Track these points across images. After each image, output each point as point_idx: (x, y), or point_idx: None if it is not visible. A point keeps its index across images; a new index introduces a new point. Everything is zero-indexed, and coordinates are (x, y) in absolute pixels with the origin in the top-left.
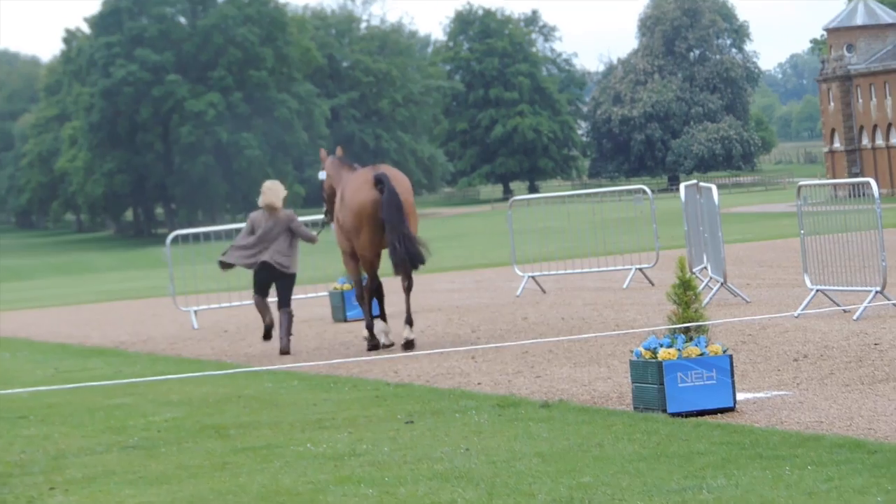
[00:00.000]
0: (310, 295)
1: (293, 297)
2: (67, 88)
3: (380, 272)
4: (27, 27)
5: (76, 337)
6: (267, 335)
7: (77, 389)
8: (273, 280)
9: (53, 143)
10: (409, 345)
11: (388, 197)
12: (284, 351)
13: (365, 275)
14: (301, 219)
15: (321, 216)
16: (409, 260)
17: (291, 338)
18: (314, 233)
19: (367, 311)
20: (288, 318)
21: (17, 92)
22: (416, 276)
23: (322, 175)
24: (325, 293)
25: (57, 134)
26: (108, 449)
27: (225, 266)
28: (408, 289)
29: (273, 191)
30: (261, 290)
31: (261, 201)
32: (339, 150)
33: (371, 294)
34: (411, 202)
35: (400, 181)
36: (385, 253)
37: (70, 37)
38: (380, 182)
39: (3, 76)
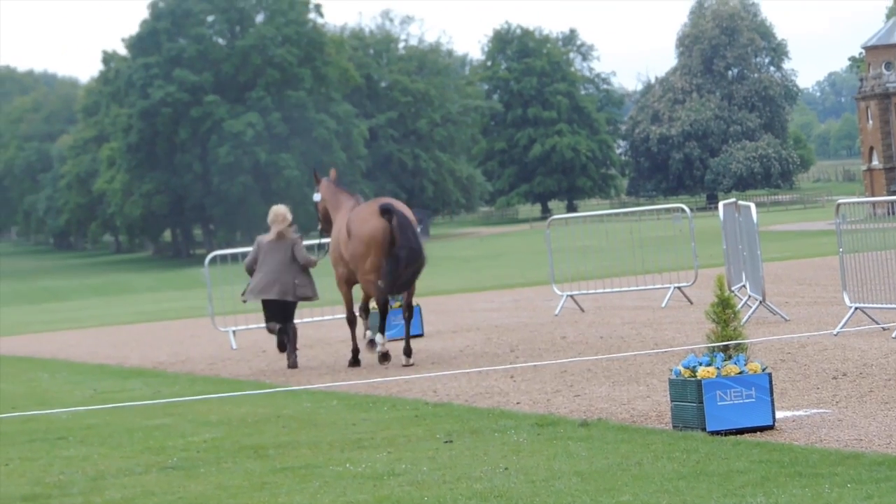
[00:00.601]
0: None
1: (334, 317)
2: (106, 109)
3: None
4: (66, 49)
5: (115, 358)
6: (281, 346)
7: (116, 410)
8: (284, 309)
9: (92, 164)
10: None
11: (401, 221)
12: (293, 365)
13: (361, 297)
14: (326, 240)
15: (324, 240)
16: (415, 273)
17: (298, 352)
18: (314, 257)
19: (354, 334)
20: (293, 334)
21: (55, 113)
22: (455, 296)
23: (317, 197)
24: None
25: (95, 155)
26: (147, 469)
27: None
28: (408, 319)
29: (286, 220)
30: (273, 318)
31: (273, 231)
32: (332, 173)
33: (382, 309)
34: (416, 226)
35: (405, 209)
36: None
37: (108, 58)
38: (387, 211)
39: (41, 97)
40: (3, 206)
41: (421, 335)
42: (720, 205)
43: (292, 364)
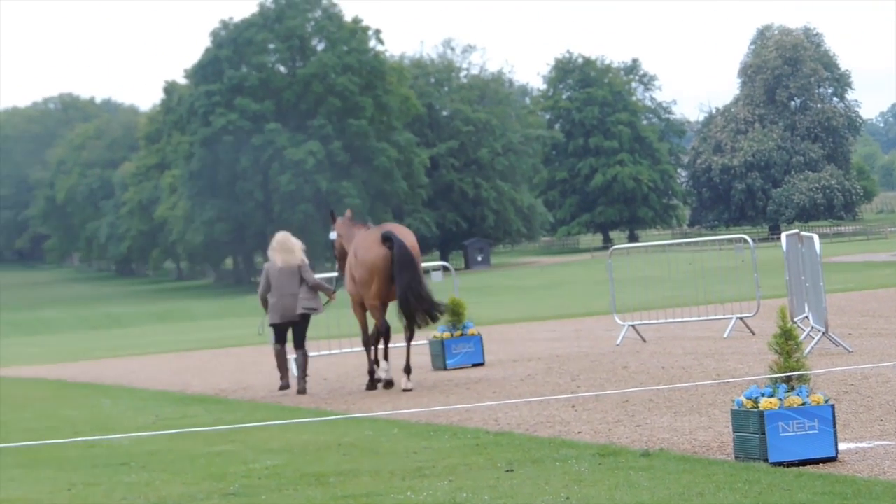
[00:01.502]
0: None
1: (395, 345)
2: (167, 137)
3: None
4: (127, 77)
5: (177, 384)
6: (285, 387)
7: (178, 436)
8: (292, 326)
9: (153, 191)
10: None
11: (399, 252)
12: (302, 391)
13: (373, 322)
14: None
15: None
16: (426, 312)
17: (308, 378)
18: (331, 287)
19: (370, 357)
20: (304, 359)
21: (117, 140)
22: (516, 326)
23: (333, 235)
24: (425, 342)
25: (157, 182)
26: (209, 496)
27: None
28: (409, 339)
29: (290, 251)
30: (281, 339)
31: (280, 259)
32: (348, 212)
33: (379, 337)
34: (418, 255)
35: (406, 236)
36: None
37: (170, 87)
38: (388, 239)
39: (103, 125)
40: (66, 232)
41: (482, 364)
42: (783, 235)
43: (302, 390)
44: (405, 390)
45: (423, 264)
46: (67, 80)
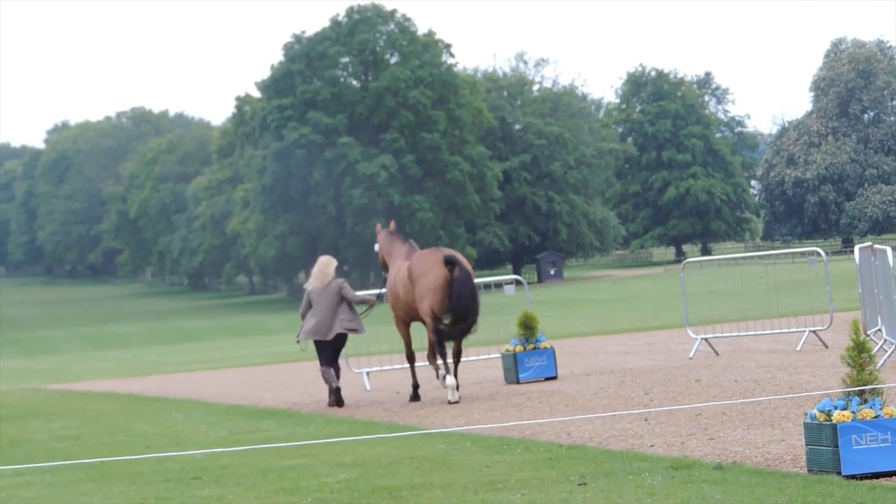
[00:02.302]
0: (482, 357)
1: (467, 359)
2: (240, 151)
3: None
4: (199, 91)
5: (249, 398)
6: (339, 403)
7: (250, 451)
8: (334, 345)
9: (226, 205)
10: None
11: (463, 280)
12: (335, 403)
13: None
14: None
15: (382, 290)
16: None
17: (340, 389)
18: (373, 297)
19: (414, 371)
20: (336, 372)
21: (189, 154)
22: (589, 339)
23: (377, 247)
24: (498, 355)
25: (229, 196)
26: None
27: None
28: (456, 363)
29: (327, 274)
30: (328, 361)
31: (319, 282)
32: (392, 225)
33: (438, 345)
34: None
35: (466, 263)
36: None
37: (242, 101)
38: (450, 263)
39: (176, 139)
40: (138, 247)
41: (555, 377)
42: (856, 248)
43: (333, 402)
44: (452, 402)
45: (496, 278)
46: (139, 95)
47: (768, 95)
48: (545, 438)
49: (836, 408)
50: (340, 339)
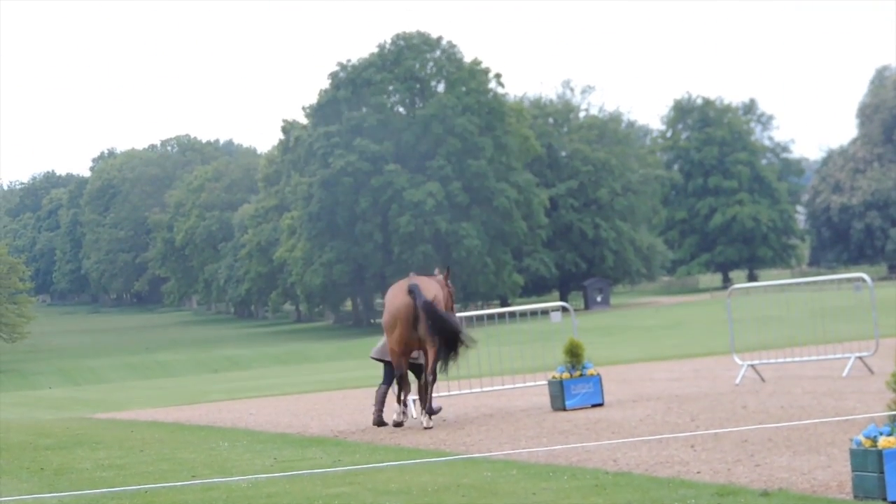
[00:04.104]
0: (529, 384)
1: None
2: (286, 178)
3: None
4: (246, 119)
5: (295, 426)
6: (399, 423)
7: (296, 478)
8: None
9: (272, 233)
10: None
11: (422, 304)
12: (382, 423)
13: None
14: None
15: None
16: (459, 341)
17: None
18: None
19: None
20: (384, 394)
21: (236, 182)
22: (635, 366)
23: None
24: (545, 382)
25: (276, 224)
26: None
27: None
28: (432, 382)
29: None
30: (389, 381)
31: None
32: (438, 272)
33: (400, 380)
34: (444, 306)
35: (428, 289)
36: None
37: (288, 127)
38: (411, 292)
39: (222, 167)
40: (185, 274)
41: (601, 404)
42: None
43: (382, 420)
44: (426, 428)
45: (542, 305)
46: (185, 122)
47: (813, 122)
48: (592, 465)
49: (881, 433)
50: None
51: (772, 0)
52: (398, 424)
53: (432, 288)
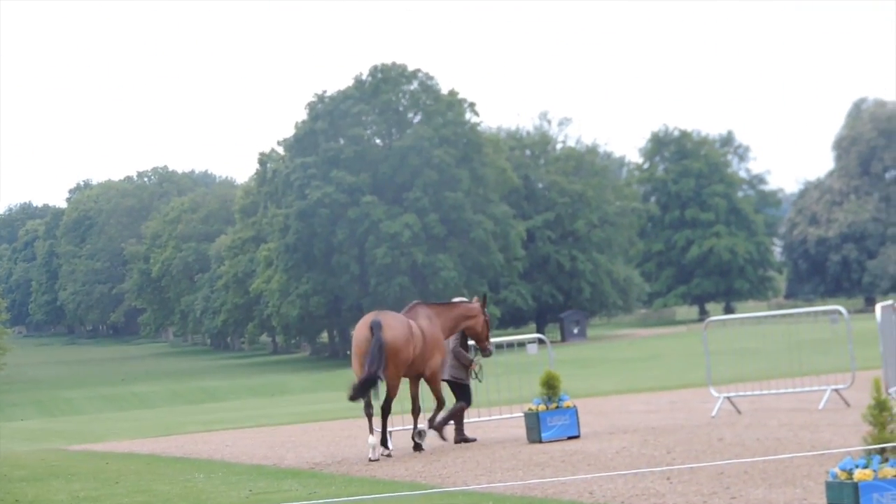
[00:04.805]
0: (505, 416)
1: (490, 418)
2: (263, 210)
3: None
4: (222, 150)
5: (271, 458)
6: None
7: None
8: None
9: (249, 264)
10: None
11: (375, 340)
12: (466, 439)
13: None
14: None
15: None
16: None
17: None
18: (468, 356)
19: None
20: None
21: (212, 214)
22: (611, 398)
23: None
24: (521, 414)
25: (252, 255)
26: None
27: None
28: (385, 415)
29: None
30: (467, 400)
31: None
32: (474, 299)
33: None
34: (398, 346)
35: (391, 327)
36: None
37: (265, 158)
38: (371, 328)
39: (199, 198)
40: (161, 306)
41: (577, 436)
42: (877, 307)
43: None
44: (372, 460)
45: (519, 337)
46: (162, 154)
47: (790, 154)
48: (568, 497)
49: (857, 466)
50: (451, 386)
51: (749, 33)
52: (373, 461)
53: (397, 325)
